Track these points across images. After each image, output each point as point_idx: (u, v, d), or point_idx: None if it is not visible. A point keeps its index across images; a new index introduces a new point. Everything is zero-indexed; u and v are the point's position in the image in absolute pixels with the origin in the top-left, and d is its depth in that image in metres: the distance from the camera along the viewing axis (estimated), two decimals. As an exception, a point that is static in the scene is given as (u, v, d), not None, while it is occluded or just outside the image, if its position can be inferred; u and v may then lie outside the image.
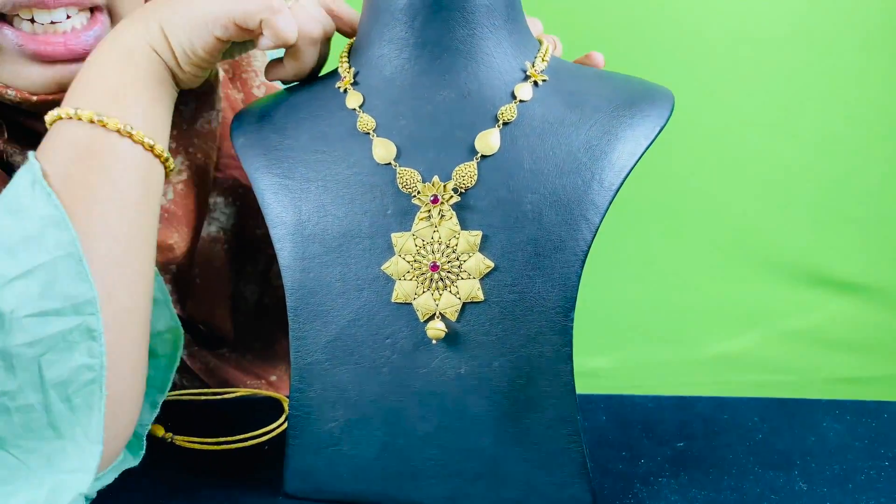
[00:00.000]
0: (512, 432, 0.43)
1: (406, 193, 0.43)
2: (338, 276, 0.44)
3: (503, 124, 0.44)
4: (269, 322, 0.68)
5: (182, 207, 0.60)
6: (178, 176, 0.60)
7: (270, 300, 0.67)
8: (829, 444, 0.52)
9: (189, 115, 0.61)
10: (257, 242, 0.66)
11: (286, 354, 0.67)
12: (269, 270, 0.67)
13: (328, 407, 0.45)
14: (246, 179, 0.65)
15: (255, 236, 0.66)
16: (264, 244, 0.66)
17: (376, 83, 0.46)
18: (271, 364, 0.67)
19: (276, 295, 0.67)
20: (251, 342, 0.67)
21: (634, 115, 0.45)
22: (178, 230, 0.59)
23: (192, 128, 0.62)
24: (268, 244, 0.66)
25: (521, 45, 0.47)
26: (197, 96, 0.61)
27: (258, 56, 0.70)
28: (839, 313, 1.33)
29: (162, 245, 0.58)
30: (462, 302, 0.43)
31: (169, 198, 0.60)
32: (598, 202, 0.42)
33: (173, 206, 0.60)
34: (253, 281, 0.66)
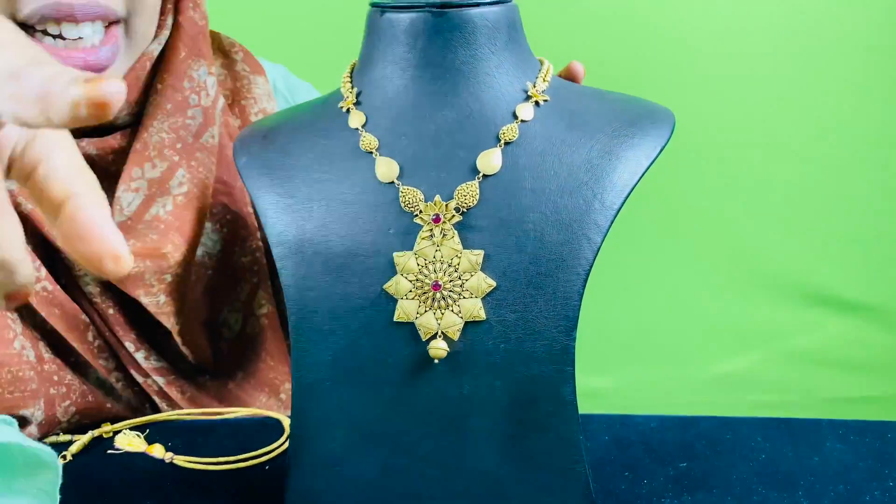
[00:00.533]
0: (514, 453, 0.43)
1: (408, 212, 0.43)
2: (340, 296, 0.44)
3: (505, 144, 0.44)
4: (250, 351, 0.67)
5: (180, 218, 0.60)
6: (178, 189, 0.60)
7: (253, 329, 0.67)
8: (833, 465, 0.52)
9: (195, 129, 0.61)
10: (242, 270, 0.66)
11: (268, 383, 0.67)
12: (252, 299, 0.66)
13: (329, 427, 0.45)
14: (234, 206, 0.65)
15: (241, 264, 0.66)
16: (248, 272, 0.66)
17: (379, 103, 0.46)
18: (253, 393, 0.66)
19: (259, 324, 0.67)
20: (233, 371, 0.66)
21: (635, 134, 0.45)
22: (172, 241, 0.59)
23: (198, 142, 0.62)
24: (252, 272, 0.66)
25: (523, 66, 0.47)
26: (204, 111, 0.62)
27: (259, 83, 0.70)
28: (841, 333, 1.33)
29: (155, 252, 0.58)
30: (464, 321, 0.43)
31: (168, 209, 0.60)
32: (599, 222, 0.43)
33: (171, 217, 0.60)
34: (236, 309, 0.66)
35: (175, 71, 0.61)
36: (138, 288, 0.58)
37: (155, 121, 0.60)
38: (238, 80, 0.70)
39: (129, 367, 0.61)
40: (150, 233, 0.59)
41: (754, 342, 1.34)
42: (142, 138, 0.59)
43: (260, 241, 0.66)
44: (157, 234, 0.59)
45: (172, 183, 0.60)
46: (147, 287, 0.58)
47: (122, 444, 0.55)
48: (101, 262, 0.28)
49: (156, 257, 0.58)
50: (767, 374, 1.33)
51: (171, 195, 0.60)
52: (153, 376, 0.61)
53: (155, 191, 0.60)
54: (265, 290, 0.66)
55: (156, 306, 0.59)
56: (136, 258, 0.57)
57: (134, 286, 0.58)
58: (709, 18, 1.23)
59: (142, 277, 0.58)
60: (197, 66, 0.62)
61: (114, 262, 0.28)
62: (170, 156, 0.60)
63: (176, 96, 0.61)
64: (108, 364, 0.61)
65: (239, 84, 0.69)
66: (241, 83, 0.69)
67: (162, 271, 0.58)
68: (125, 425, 0.59)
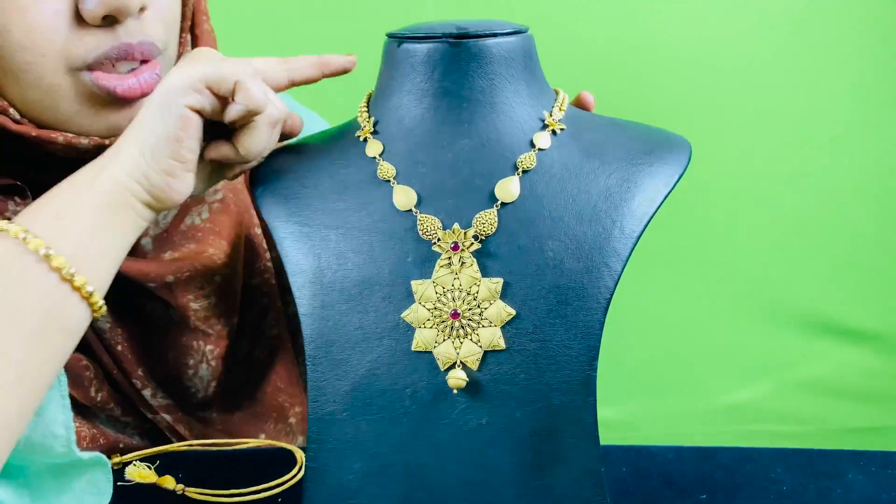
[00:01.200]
0: (535, 485, 0.42)
1: (426, 241, 0.43)
2: (357, 325, 0.44)
3: (522, 172, 0.44)
4: (257, 376, 0.66)
5: (218, 224, 0.60)
6: (213, 196, 0.61)
7: (261, 353, 0.66)
8: (855, 497, 0.51)
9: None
10: (251, 292, 0.65)
11: (276, 408, 0.66)
12: (262, 321, 0.66)
13: (345, 458, 0.44)
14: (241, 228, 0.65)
15: (249, 285, 0.65)
16: (258, 294, 0.65)
17: (396, 132, 0.46)
18: (259, 422, 0.65)
19: (269, 345, 0.66)
20: (239, 400, 0.65)
21: (653, 163, 0.45)
22: (212, 244, 0.59)
23: None
24: (262, 294, 0.65)
25: (539, 95, 0.47)
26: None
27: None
28: (851, 362, 1.31)
29: (199, 257, 0.58)
30: (483, 350, 0.42)
31: (204, 217, 0.60)
32: (619, 250, 0.42)
33: (209, 224, 0.60)
34: (244, 334, 0.65)
35: None
36: (188, 293, 0.58)
37: None
38: None
39: (138, 404, 0.60)
40: (188, 242, 0.59)
41: (764, 372, 1.33)
42: None
43: (269, 263, 0.66)
44: (195, 243, 0.59)
45: (208, 192, 0.61)
46: (197, 291, 0.58)
47: (132, 476, 0.54)
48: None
49: (203, 260, 0.58)
50: (777, 404, 1.32)
51: (206, 203, 0.60)
52: (161, 413, 0.60)
53: (189, 201, 0.60)
54: (275, 311, 0.66)
55: (206, 309, 0.59)
56: (184, 264, 0.57)
57: (184, 292, 0.58)
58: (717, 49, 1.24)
59: (192, 281, 0.58)
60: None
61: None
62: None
63: None
64: (113, 412, 0.60)
65: None
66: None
67: (212, 273, 0.58)
68: (135, 456, 0.58)
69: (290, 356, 0.67)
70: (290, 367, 0.67)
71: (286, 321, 0.67)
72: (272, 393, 0.66)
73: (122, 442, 0.60)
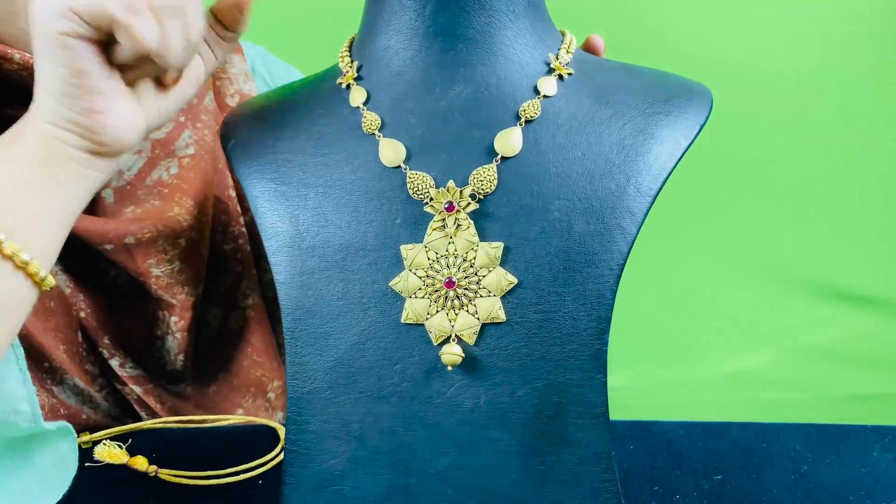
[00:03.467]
0: (538, 470, 0.38)
1: (417, 200, 0.38)
2: (340, 294, 0.39)
3: (525, 122, 0.39)
4: (231, 348, 0.62)
5: (186, 181, 0.56)
6: (184, 150, 0.56)
7: (236, 323, 0.62)
8: (881, 477, 0.47)
9: (198, 91, 0.57)
10: (223, 259, 0.61)
11: (254, 382, 0.62)
12: (235, 290, 0.61)
13: (329, 441, 0.40)
14: (216, 189, 0.60)
15: (222, 252, 0.61)
16: (231, 261, 0.61)
17: (382, 78, 0.41)
18: (236, 396, 0.61)
19: (244, 316, 0.62)
20: (214, 373, 0.61)
21: (671, 111, 0.40)
22: (178, 202, 0.55)
23: (201, 104, 0.58)
24: (235, 261, 0.60)
25: (544, 36, 0.42)
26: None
27: (235, 62, 0.65)
28: (856, 329, 1.28)
29: (164, 216, 0.53)
30: (481, 323, 0.38)
31: (173, 172, 0.56)
32: (634, 209, 0.38)
33: (177, 181, 0.55)
34: (216, 303, 0.61)
35: None
36: (150, 257, 0.53)
37: None
38: None
39: (110, 377, 0.56)
40: (152, 199, 0.55)
41: (768, 339, 1.29)
42: None
43: (243, 227, 0.61)
44: (160, 200, 0.54)
45: (178, 144, 0.56)
46: (160, 255, 0.54)
47: (101, 457, 0.50)
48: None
49: (167, 220, 0.53)
50: (781, 371, 1.28)
51: (177, 157, 0.56)
52: (130, 385, 0.56)
53: (158, 153, 0.55)
54: (250, 279, 0.61)
55: (169, 276, 0.54)
56: (146, 223, 0.53)
57: (146, 255, 0.53)
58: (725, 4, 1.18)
59: (154, 243, 0.53)
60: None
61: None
62: (175, 116, 0.55)
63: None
64: (93, 369, 0.56)
65: None
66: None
67: (176, 235, 0.54)
68: (105, 434, 0.54)
69: (267, 327, 0.63)
70: (268, 339, 0.63)
71: (262, 290, 0.63)
72: (249, 367, 0.61)
73: (85, 414, 0.56)
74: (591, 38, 0.51)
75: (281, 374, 0.63)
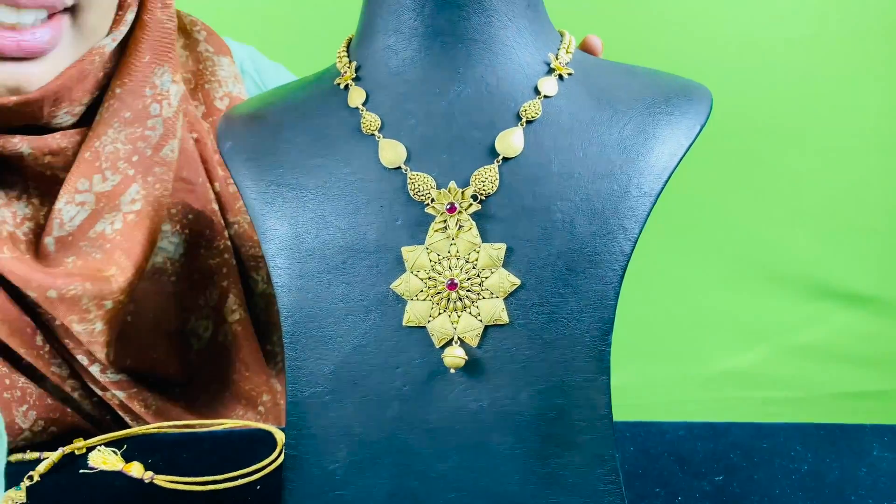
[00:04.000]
0: (541, 473, 0.38)
1: (418, 202, 0.38)
2: (340, 297, 0.39)
3: (526, 122, 0.39)
4: (224, 361, 0.61)
5: (129, 239, 0.53)
6: (130, 206, 0.54)
7: (225, 337, 0.61)
8: (883, 476, 0.47)
9: (155, 141, 0.55)
10: (209, 274, 0.59)
11: (244, 395, 0.61)
12: (222, 305, 0.60)
13: (330, 446, 0.39)
14: (198, 204, 0.59)
15: (208, 267, 0.59)
16: (217, 276, 0.60)
17: (381, 78, 0.41)
18: (228, 406, 0.60)
19: (231, 331, 0.60)
20: (206, 383, 0.60)
21: (672, 112, 0.40)
22: (117, 263, 0.53)
23: (157, 155, 0.55)
24: (221, 275, 0.60)
25: (543, 36, 0.42)
26: (165, 122, 0.55)
27: (224, 65, 0.64)
28: (847, 326, 1.29)
29: (97, 275, 0.52)
30: (484, 325, 0.37)
31: (116, 227, 0.53)
32: (636, 210, 0.37)
33: (119, 237, 0.53)
34: (206, 316, 0.60)
35: (136, 75, 0.54)
36: (72, 313, 0.51)
37: (110, 129, 0.53)
38: (200, 61, 0.63)
39: (86, 379, 0.55)
40: (94, 252, 0.53)
41: (759, 337, 1.30)
42: (92, 147, 0.52)
43: (228, 241, 0.60)
44: (102, 254, 0.53)
45: (124, 199, 0.54)
46: (83, 313, 0.51)
47: (96, 463, 0.49)
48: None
49: (97, 280, 0.51)
50: (773, 369, 1.29)
51: (121, 212, 0.54)
52: (112, 390, 0.55)
53: (103, 206, 0.53)
54: (236, 294, 0.60)
55: (89, 335, 0.52)
56: (75, 279, 0.51)
57: (68, 311, 0.51)
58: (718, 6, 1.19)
59: (78, 302, 0.51)
60: (161, 72, 0.55)
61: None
62: (124, 169, 0.53)
63: (136, 104, 0.54)
64: (61, 371, 0.55)
65: (202, 66, 0.62)
66: (203, 65, 0.63)
67: (103, 297, 0.51)
68: (99, 441, 0.54)
69: (255, 343, 0.62)
70: (255, 354, 0.62)
71: (249, 303, 0.62)
72: (238, 381, 0.60)
73: (70, 413, 0.55)
74: (588, 39, 0.51)
75: (268, 389, 0.62)
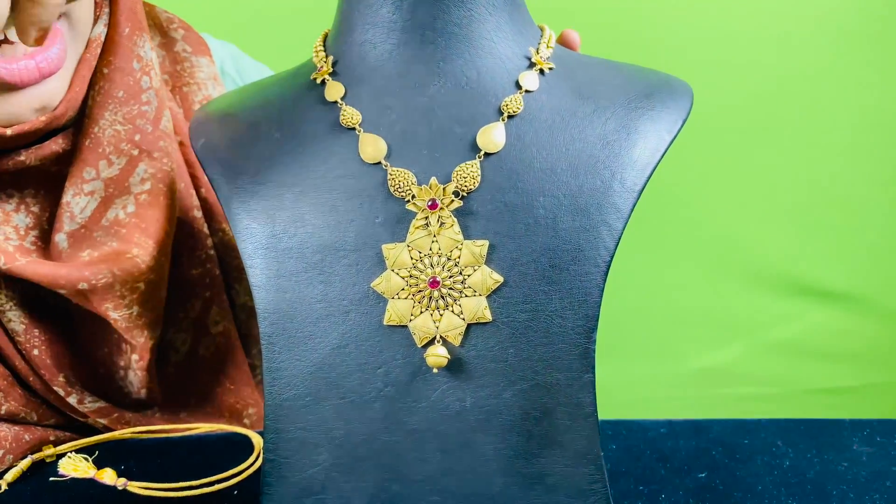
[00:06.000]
0: (525, 473, 0.37)
1: (399, 198, 0.37)
2: (319, 297, 0.38)
3: (508, 117, 0.38)
4: (204, 375, 0.59)
5: (145, 219, 0.52)
6: (140, 186, 0.52)
7: (206, 350, 0.59)
8: (863, 470, 0.47)
9: (153, 115, 0.53)
10: (191, 284, 0.58)
11: (228, 408, 0.59)
12: (205, 316, 0.58)
13: (309, 449, 0.38)
14: (180, 211, 0.57)
15: (189, 277, 0.58)
16: (199, 286, 0.58)
17: (359, 73, 0.40)
18: (210, 420, 0.59)
19: (214, 343, 0.59)
20: (185, 398, 0.58)
21: (654, 106, 0.40)
22: (137, 244, 0.51)
23: (157, 129, 0.53)
24: (203, 286, 0.58)
25: (523, 31, 0.41)
26: (157, 92, 0.53)
27: (203, 65, 0.62)
28: (822, 323, 1.30)
29: (122, 259, 0.50)
30: (466, 323, 0.37)
31: (129, 211, 0.52)
32: (620, 206, 0.37)
33: (135, 220, 0.52)
34: (185, 328, 0.58)
35: (120, 51, 0.52)
36: (107, 301, 0.50)
37: (106, 111, 0.51)
38: (178, 62, 0.60)
39: (64, 410, 0.54)
40: (110, 240, 0.51)
41: (735, 334, 1.30)
42: (91, 133, 0.51)
43: (212, 251, 0.58)
44: (119, 241, 0.51)
45: (133, 180, 0.52)
46: (117, 299, 0.50)
47: (66, 470, 0.48)
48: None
49: (125, 263, 0.50)
50: (748, 366, 1.30)
51: (132, 194, 0.52)
52: (93, 417, 0.54)
53: (113, 191, 0.52)
54: (219, 305, 0.58)
55: (127, 320, 0.51)
56: (101, 267, 0.49)
57: (102, 300, 0.50)
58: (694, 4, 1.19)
59: (111, 289, 0.50)
60: (142, 41, 0.53)
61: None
62: (128, 150, 0.52)
63: (127, 80, 0.52)
64: (28, 419, 0.53)
65: (179, 67, 0.60)
66: (181, 66, 0.60)
67: (135, 279, 0.50)
68: (70, 447, 0.52)
69: (241, 354, 0.60)
70: (241, 366, 0.60)
71: (234, 314, 0.60)
72: (222, 394, 0.59)
73: (53, 435, 0.53)
74: (566, 33, 0.50)
75: (255, 402, 0.60)
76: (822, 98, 1.24)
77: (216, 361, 0.59)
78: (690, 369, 1.30)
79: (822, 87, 1.23)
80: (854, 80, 1.23)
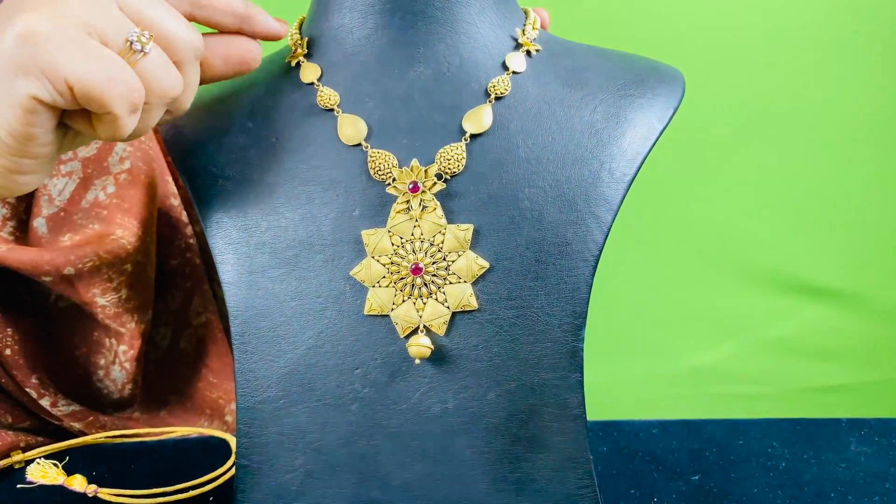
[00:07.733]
0: (510, 478, 0.36)
1: (379, 181, 0.35)
2: (293, 294, 0.36)
3: (496, 99, 0.36)
4: (185, 370, 0.58)
5: (126, 199, 0.51)
6: (119, 166, 0.51)
7: (188, 343, 0.57)
8: (862, 472, 0.46)
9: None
10: (170, 276, 0.56)
11: (209, 404, 0.57)
12: (186, 308, 0.57)
13: (284, 454, 0.36)
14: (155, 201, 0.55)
15: (168, 269, 0.56)
16: (179, 277, 0.56)
17: (335, 58, 0.38)
18: (191, 419, 0.57)
19: (196, 336, 0.57)
20: (165, 395, 0.57)
21: (644, 94, 0.38)
22: (121, 224, 0.50)
23: None
24: (183, 277, 0.56)
25: (507, 13, 0.39)
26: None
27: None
28: (815, 321, 1.29)
29: (106, 241, 0.49)
30: (451, 312, 0.35)
31: (110, 191, 0.51)
32: (609, 197, 0.35)
33: (116, 200, 0.51)
34: (164, 322, 0.56)
35: None
36: (94, 286, 0.49)
37: None
38: None
39: (37, 412, 0.52)
40: (90, 222, 0.50)
41: (727, 332, 1.29)
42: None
43: (191, 240, 0.57)
44: (100, 222, 0.50)
45: (112, 160, 0.51)
46: (105, 283, 0.49)
47: (35, 477, 0.46)
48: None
49: (109, 244, 0.49)
50: (741, 364, 1.29)
51: (112, 174, 0.51)
52: (66, 421, 0.52)
53: (91, 171, 0.51)
54: (201, 295, 0.57)
55: (116, 304, 0.50)
56: (86, 249, 0.48)
57: (88, 285, 0.48)
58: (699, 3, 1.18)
59: (97, 272, 0.48)
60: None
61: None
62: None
63: None
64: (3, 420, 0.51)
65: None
66: None
67: (122, 261, 0.49)
68: (39, 453, 0.50)
69: (224, 347, 0.58)
70: (224, 359, 0.58)
71: (218, 306, 0.58)
72: (204, 388, 0.57)
73: (24, 441, 0.51)
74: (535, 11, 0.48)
75: None
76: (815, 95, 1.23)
77: (198, 355, 0.57)
78: (683, 368, 1.29)
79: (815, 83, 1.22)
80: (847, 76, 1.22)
